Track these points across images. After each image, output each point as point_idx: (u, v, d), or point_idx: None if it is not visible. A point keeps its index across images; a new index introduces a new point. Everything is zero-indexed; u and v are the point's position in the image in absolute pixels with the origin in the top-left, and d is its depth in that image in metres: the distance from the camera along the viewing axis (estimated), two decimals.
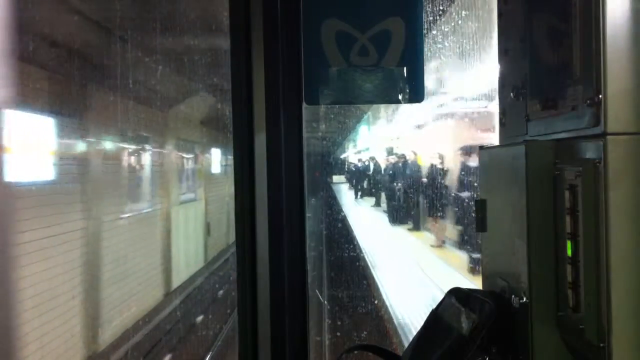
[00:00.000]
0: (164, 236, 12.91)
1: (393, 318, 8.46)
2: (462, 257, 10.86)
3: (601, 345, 1.25)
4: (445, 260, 11.50)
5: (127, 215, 10.91)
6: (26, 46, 7.03)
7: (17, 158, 6.65)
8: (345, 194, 27.92)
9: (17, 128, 6.61)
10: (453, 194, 12.03)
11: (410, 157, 15.86)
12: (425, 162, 14.68)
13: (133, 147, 11.54)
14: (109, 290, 9.63)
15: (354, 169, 30.79)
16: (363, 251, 12.80)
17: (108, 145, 10.53)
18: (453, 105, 13.26)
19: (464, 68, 10.14)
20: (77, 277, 8.71)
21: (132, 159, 11.69)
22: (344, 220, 16.22)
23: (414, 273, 10.90)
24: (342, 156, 38.22)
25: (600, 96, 1.26)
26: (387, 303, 9.19)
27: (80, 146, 9.53)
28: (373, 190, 22.93)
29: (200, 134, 16.48)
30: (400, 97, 2.45)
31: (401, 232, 15.49)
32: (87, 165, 9.45)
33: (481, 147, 1.91)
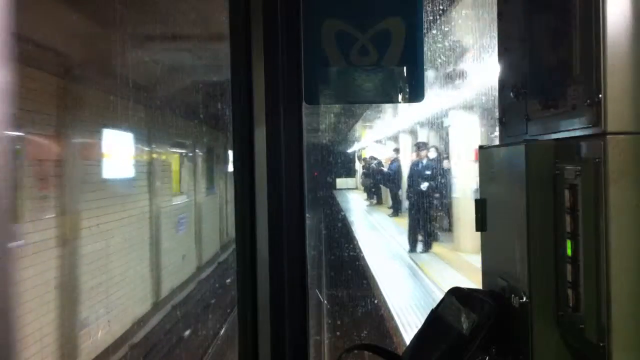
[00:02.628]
0: None
1: None
2: None
3: (601, 344, 1.25)
4: None
5: None
6: None
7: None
8: (366, 223, 14.88)
9: None
10: None
11: None
12: None
13: None
14: None
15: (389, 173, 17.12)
16: None
17: None
18: None
19: None
20: None
21: None
22: None
23: None
24: (350, 149, 25.04)
25: (600, 96, 1.26)
26: None
27: None
28: None
29: None
30: (400, 96, 2.45)
31: None
32: None
33: (481, 147, 1.91)
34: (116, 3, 8.07)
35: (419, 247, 10.87)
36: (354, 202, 19.96)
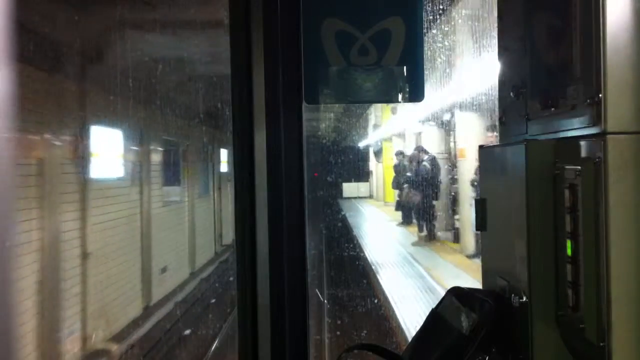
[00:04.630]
0: None
1: None
2: None
3: (601, 344, 1.25)
4: None
5: None
6: None
7: None
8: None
9: None
10: None
11: None
12: None
13: None
14: None
15: None
16: None
17: None
18: None
19: None
20: None
21: None
22: None
23: None
24: (362, 141, 17.38)
25: (600, 95, 1.26)
26: None
27: None
28: None
29: None
30: (400, 96, 2.45)
31: None
32: None
33: (481, 147, 1.91)
34: None
35: None
36: (380, 231, 12.24)
